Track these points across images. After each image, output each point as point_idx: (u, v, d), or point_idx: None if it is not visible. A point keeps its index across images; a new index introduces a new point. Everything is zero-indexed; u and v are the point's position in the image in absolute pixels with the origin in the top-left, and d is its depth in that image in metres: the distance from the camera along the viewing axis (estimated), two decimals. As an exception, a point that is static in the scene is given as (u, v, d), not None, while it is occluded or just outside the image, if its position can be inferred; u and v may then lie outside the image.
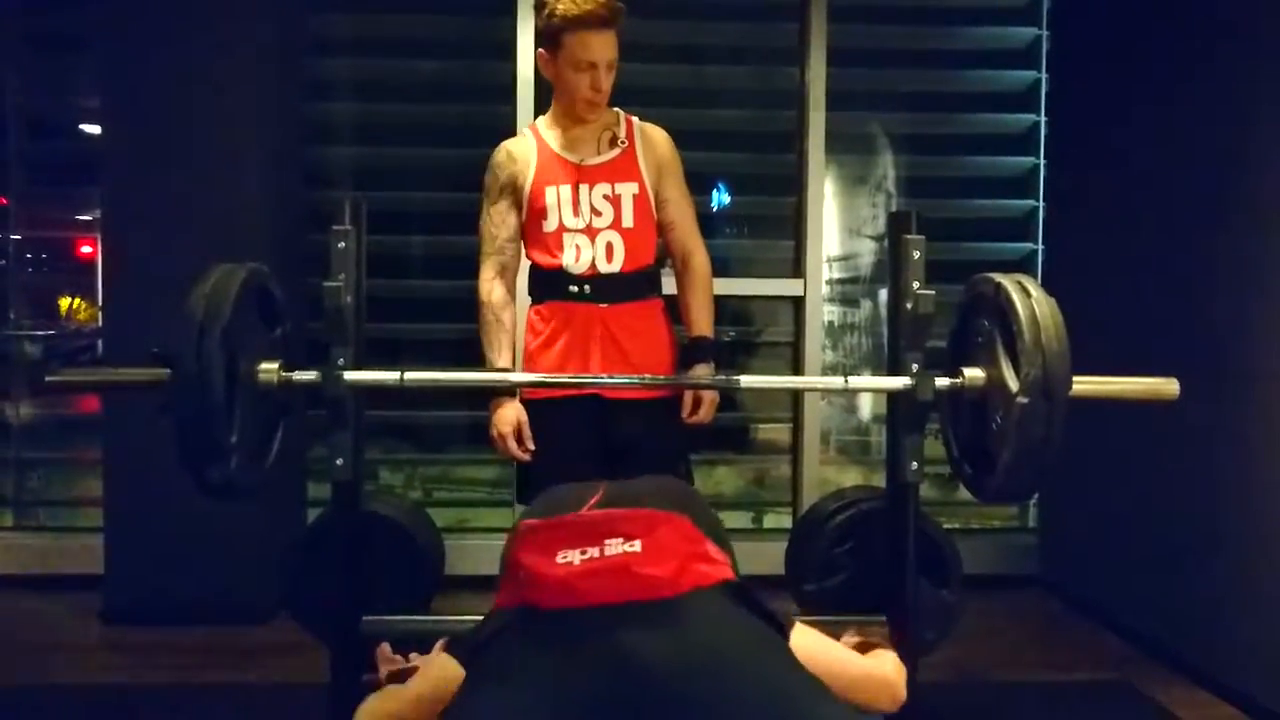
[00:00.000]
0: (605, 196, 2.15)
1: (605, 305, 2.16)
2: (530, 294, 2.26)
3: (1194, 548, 2.56)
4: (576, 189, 2.15)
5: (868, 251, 3.68)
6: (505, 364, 2.19)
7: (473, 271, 3.46)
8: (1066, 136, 3.36)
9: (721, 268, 2.30)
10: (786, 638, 1.34)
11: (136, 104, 2.90)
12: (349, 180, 3.50)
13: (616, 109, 2.24)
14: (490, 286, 2.22)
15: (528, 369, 2.26)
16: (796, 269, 3.37)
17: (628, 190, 2.16)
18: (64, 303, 3.86)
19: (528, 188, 2.17)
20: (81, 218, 3.63)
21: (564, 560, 1.32)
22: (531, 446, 2.18)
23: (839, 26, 3.32)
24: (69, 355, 3.76)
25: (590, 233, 2.14)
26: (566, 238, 2.15)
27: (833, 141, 3.37)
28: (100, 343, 3.21)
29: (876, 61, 3.48)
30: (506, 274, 2.23)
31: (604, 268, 2.15)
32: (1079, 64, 3.29)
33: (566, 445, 2.18)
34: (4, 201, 3.42)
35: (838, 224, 3.64)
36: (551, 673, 1.18)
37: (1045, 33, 3.46)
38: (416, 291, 3.53)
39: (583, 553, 1.32)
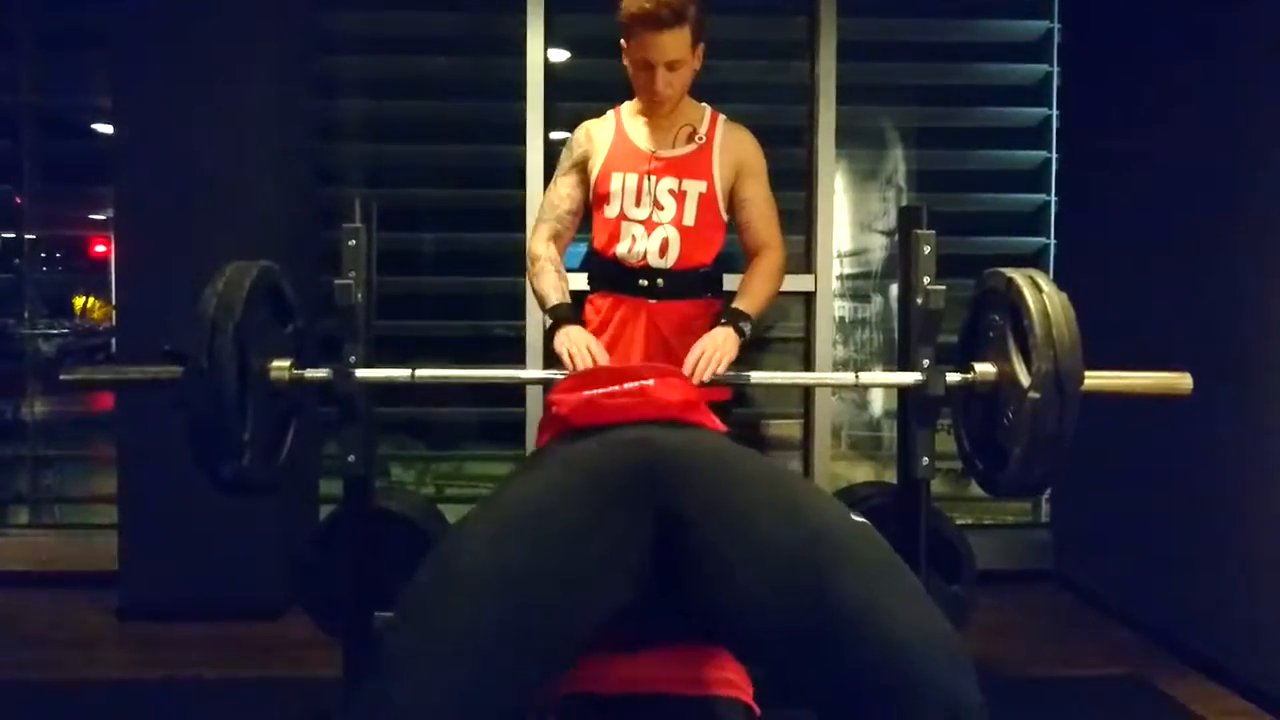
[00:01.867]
0: (670, 191, 2.12)
1: (654, 301, 2.14)
2: (588, 282, 2.26)
3: (1208, 542, 2.55)
4: (643, 179, 2.12)
5: (878, 246, 3.67)
6: (562, 299, 2.11)
7: (482, 269, 3.51)
8: (1078, 130, 3.34)
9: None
10: None
11: (149, 103, 2.92)
12: (360, 177, 3.51)
13: (705, 104, 2.20)
14: (543, 246, 2.19)
15: None
16: (807, 264, 3.36)
17: (694, 188, 2.13)
18: (78, 301, 3.89)
19: (596, 171, 2.16)
20: (95, 217, 3.66)
21: (590, 393, 1.59)
22: (602, 356, 1.97)
23: (849, 20, 3.31)
24: (83, 353, 3.78)
25: (649, 225, 2.12)
26: (625, 226, 2.13)
27: (843, 136, 3.36)
28: (114, 340, 3.23)
29: (887, 55, 3.47)
30: (559, 240, 2.21)
31: (655, 262, 2.13)
32: (1091, 57, 3.27)
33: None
34: (18, 201, 3.44)
35: (848, 219, 3.63)
36: (585, 453, 1.45)
37: (1056, 26, 3.44)
38: (427, 288, 3.54)
39: (605, 389, 1.59)
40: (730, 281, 2.24)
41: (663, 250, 2.12)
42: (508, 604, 1.23)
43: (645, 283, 2.14)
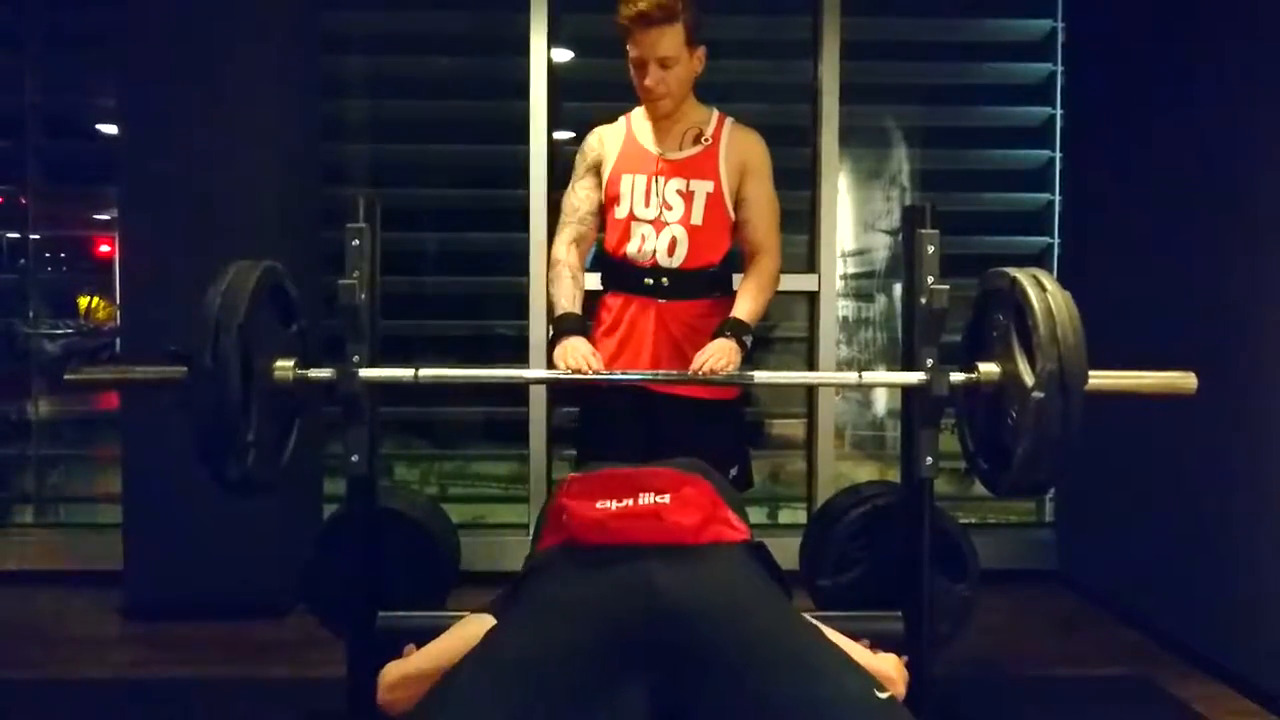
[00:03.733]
0: (679, 191, 2.17)
1: (664, 301, 2.18)
2: (601, 281, 2.30)
3: (1212, 542, 2.55)
4: (651, 180, 2.18)
5: (882, 246, 3.67)
6: (570, 309, 2.17)
7: (486, 268, 3.52)
8: (1082, 129, 3.33)
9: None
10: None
11: (153, 103, 2.92)
12: (363, 177, 3.52)
13: (712, 107, 2.26)
14: (567, 250, 2.24)
15: None
16: (810, 264, 3.36)
17: (702, 188, 2.17)
18: (83, 301, 3.89)
19: (607, 173, 2.22)
20: (99, 217, 3.66)
21: (602, 506, 1.50)
22: (599, 365, 2.02)
23: (852, 19, 3.30)
24: (88, 353, 3.79)
25: (658, 225, 2.17)
26: (634, 226, 2.18)
27: (847, 135, 3.36)
28: (118, 340, 3.24)
29: (891, 54, 3.46)
30: (582, 244, 2.27)
31: (664, 261, 2.17)
32: (1095, 56, 3.26)
33: (616, 435, 2.20)
34: (23, 201, 3.45)
35: (852, 218, 3.63)
36: (584, 601, 1.36)
37: (1061, 24, 3.43)
38: (431, 288, 3.54)
39: (619, 501, 1.51)
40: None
41: (671, 249, 2.17)
42: None
43: (653, 281, 2.18)
